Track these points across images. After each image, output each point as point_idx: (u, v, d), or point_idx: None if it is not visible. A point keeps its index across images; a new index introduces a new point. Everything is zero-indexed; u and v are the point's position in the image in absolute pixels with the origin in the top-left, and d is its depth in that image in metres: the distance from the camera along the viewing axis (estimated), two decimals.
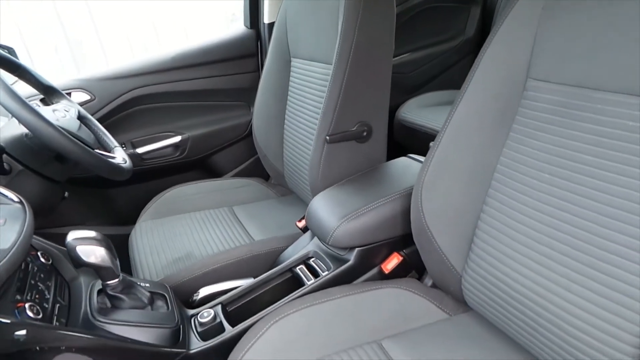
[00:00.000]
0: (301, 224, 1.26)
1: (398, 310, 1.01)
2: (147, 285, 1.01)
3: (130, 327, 0.88)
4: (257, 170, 1.88)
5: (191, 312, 1.04)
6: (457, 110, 0.94)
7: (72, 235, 0.86)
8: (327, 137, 1.20)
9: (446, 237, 0.97)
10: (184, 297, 1.15)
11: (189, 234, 1.39)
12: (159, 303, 0.99)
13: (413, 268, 1.12)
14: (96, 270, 0.88)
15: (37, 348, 0.72)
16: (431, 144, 0.99)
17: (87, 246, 0.85)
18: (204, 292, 1.13)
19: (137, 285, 0.96)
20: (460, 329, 0.98)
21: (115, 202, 1.78)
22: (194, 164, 1.84)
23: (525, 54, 0.84)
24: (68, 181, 1.30)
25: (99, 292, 0.94)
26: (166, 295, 1.01)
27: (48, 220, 1.58)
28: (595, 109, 0.74)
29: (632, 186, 0.68)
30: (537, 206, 0.82)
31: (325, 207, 1.12)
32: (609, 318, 0.70)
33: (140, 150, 1.71)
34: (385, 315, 0.99)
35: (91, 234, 0.87)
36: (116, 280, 0.91)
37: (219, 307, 1.04)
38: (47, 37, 2.41)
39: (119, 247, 1.04)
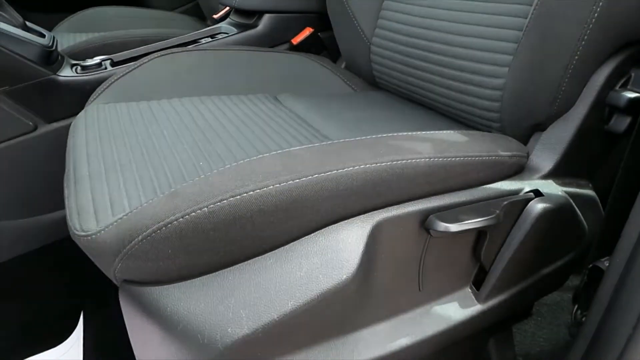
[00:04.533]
0: (217, 15, 1.17)
1: (302, 75, 0.95)
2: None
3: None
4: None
5: (75, 61, 0.94)
6: None
7: None
8: None
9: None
10: None
11: None
12: (36, 35, 0.89)
13: (326, 50, 1.05)
14: None
15: None
16: None
17: None
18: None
19: (10, 8, 0.86)
20: (364, 99, 0.93)
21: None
22: None
23: None
24: None
25: None
26: (46, 33, 0.91)
27: None
28: None
29: None
30: None
31: None
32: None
33: None
34: (287, 75, 0.93)
35: None
36: None
37: (108, 61, 0.96)
38: None
39: None
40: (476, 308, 0.58)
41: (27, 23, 0.90)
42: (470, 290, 0.58)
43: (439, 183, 0.48)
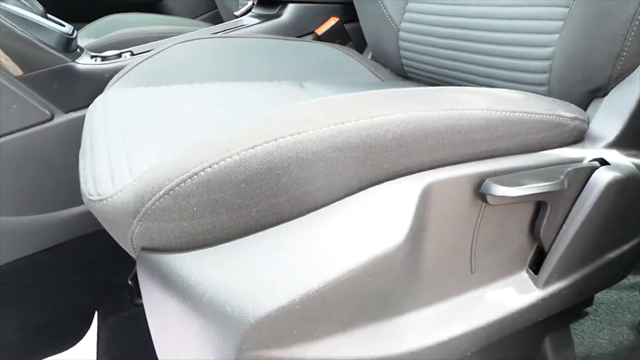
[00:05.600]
0: (239, 12, 1.14)
1: (328, 64, 0.90)
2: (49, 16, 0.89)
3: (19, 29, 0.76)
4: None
5: (94, 53, 0.92)
6: None
7: None
8: None
9: None
10: None
11: None
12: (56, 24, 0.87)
13: (351, 41, 1.01)
14: None
15: None
16: None
17: None
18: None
19: None
20: (393, 87, 0.88)
21: None
22: (143, 3, 1.71)
23: None
24: None
25: None
26: (66, 24, 0.89)
27: None
28: None
29: None
30: None
31: None
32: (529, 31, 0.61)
33: None
34: (312, 64, 0.89)
35: None
36: None
37: (128, 52, 0.93)
38: None
39: None
40: (534, 295, 0.51)
41: (49, 15, 0.89)
42: (527, 274, 0.52)
43: (496, 141, 0.43)
